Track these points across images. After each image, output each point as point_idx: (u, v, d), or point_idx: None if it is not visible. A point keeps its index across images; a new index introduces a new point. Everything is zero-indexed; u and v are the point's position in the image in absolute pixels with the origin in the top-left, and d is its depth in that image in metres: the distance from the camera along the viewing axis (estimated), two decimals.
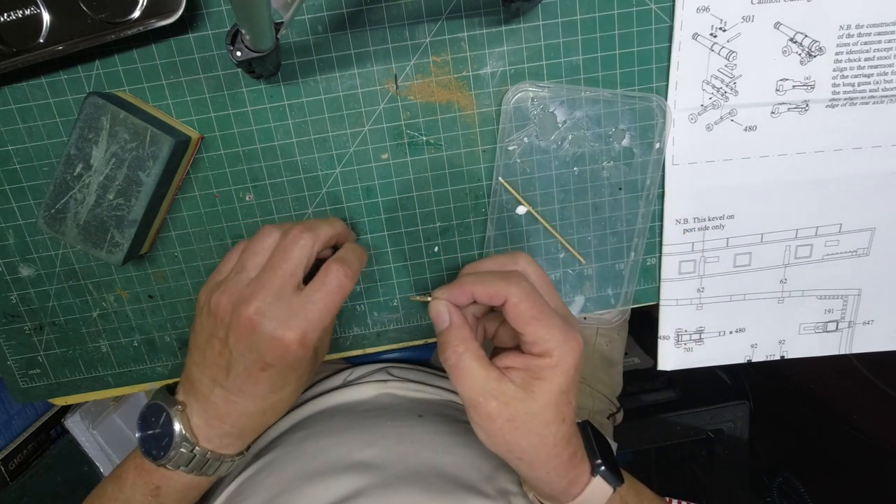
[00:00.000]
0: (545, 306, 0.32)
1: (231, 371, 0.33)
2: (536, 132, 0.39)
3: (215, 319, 0.32)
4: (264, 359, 0.31)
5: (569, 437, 0.33)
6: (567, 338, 0.31)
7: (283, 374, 0.33)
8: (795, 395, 0.95)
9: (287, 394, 0.35)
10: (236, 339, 0.32)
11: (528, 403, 0.31)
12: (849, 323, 0.46)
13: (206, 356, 0.34)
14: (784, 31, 0.38)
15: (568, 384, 0.32)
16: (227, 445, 0.36)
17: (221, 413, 0.34)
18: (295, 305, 0.31)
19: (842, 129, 0.40)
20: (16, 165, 0.38)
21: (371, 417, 0.46)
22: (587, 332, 0.63)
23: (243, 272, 0.32)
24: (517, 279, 0.32)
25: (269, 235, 0.33)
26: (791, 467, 0.96)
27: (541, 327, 0.31)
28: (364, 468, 0.39)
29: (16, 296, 0.42)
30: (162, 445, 0.34)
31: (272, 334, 0.31)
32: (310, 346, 0.32)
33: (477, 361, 0.32)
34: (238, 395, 0.34)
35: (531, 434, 0.32)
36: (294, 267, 0.32)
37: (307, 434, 0.44)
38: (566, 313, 0.34)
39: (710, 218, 0.42)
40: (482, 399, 0.31)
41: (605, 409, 0.64)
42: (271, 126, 0.38)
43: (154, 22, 0.33)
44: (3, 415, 0.69)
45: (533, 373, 0.32)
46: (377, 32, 0.37)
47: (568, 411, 0.33)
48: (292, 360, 0.32)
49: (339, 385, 0.52)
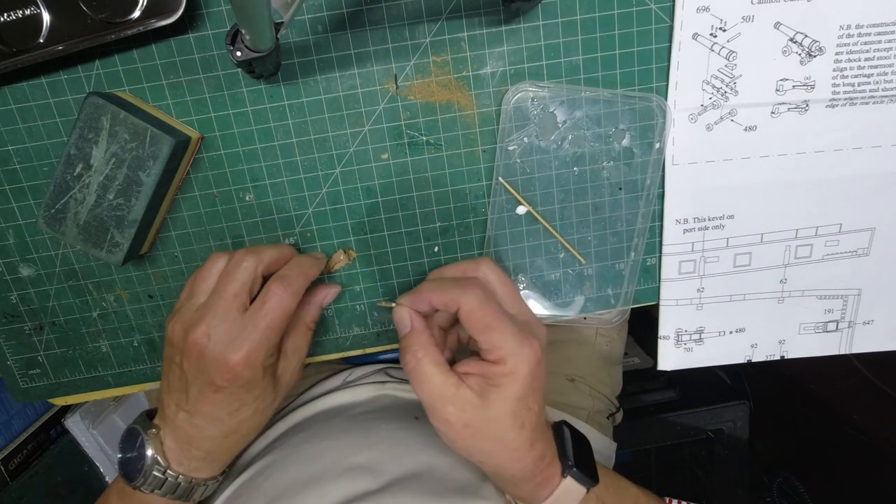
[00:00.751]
0: (500, 314, 0.32)
1: (189, 394, 0.34)
2: (536, 132, 0.39)
3: (172, 346, 0.34)
4: (214, 381, 0.32)
5: (531, 441, 0.33)
6: (522, 346, 0.31)
7: (237, 396, 0.34)
8: (795, 395, 0.95)
9: (245, 416, 0.35)
10: (188, 363, 0.33)
11: (484, 410, 0.32)
12: (849, 323, 0.46)
13: (170, 381, 0.35)
14: (784, 31, 0.38)
15: (524, 391, 0.32)
16: (198, 469, 0.37)
17: (188, 436, 0.35)
18: (239, 327, 0.32)
19: (842, 129, 0.40)
20: (16, 165, 0.38)
21: (368, 420, 0.46)
22: (587, 332, 0.63)
23: (193, 298, 0.34)
24: (472, 287, 0.32)
25: (217, 261, 0.34)
26: (791, 467, 0.96)
27: (494, 335, 0.32)
28: (360, 472, 0.39)
29: (16, 296, 0.42)
30: (137, 468, 0.35)
31: (217, 356, 0.32)
32: (256, 366, 0.32)
33: (435, 367, 0.32)
34: (199, 419, 0.34)
35: (489, 439, 0.32)
36: (237, 289, 0.33)
37: (305, 437, 0.44)
38: (528, 319, 0.34)
39: (710, 218, 0.42)
40: (439, 404, 0.32)
41: (605, 409, 0.64)
42: (271, 126, 0.38)
43: (154, 22, 0.33)
44: (3, 415, 0.69)
45: (489, 379, 0.32)
46: (377, 32, 0.37)
47: (528, 417, 0.32)
48: (241, 382, 0.33)
49: (338, 386, 0.52)
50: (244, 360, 0.32)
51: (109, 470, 0.78)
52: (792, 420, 0.97)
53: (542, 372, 0.33)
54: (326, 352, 0.45)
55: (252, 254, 0.34)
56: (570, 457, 0.35)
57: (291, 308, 0.33)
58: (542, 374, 0.33)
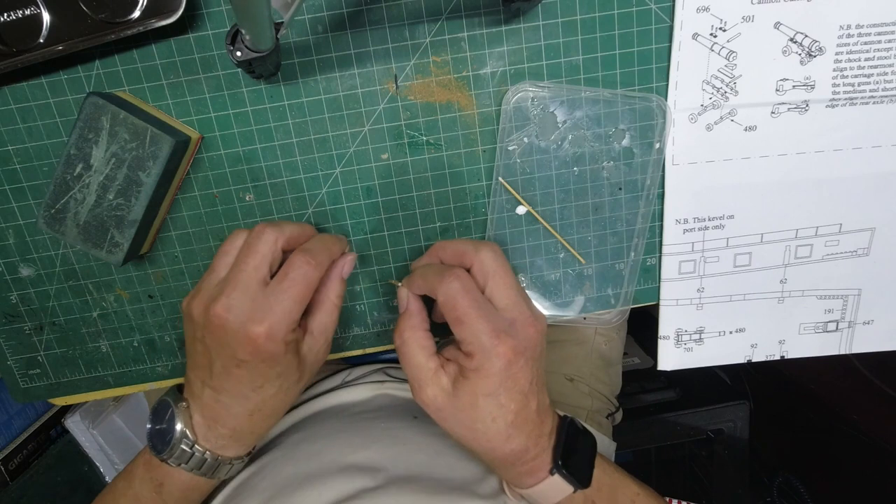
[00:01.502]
0: (474, 308, 0.32)
1: (213, 370, 0.33)
2: (536, 132, 0.39)
3: (193, 322, 0.33)
4: (237, 355, 0.32)
5: (506, 436, 0.33)
6: (494, 344, 0.31)
7: (260, 371, 0.33)
8: (795, 395, 0.95)
9: (270, 394, 0.34)
10: (211, 338, 0.32)
11: (453, 399, 0.33)
12: (849, 323, 0.46)
13: (194, 359, 0.35)
14: (784, 31, 0.38)
15: (492, 389, 0.32)
16: (224, 447, 0.36)
17: (214, 413, 0.35)
18: (260, 299, 0.31)
19: (842, 129, 0.40)
20: (16, 165, 0.38)
21: (366, 419, 0.46)
22: (586, 331, 0.63)
23: (213, 273, 0.33)
24: (450, 278, 0.32)
25: (238, 237, 0.34)
26: (791, 467, 0.96)
27: (464, 329, 0.32)
28: (357, 471, 0.39)
29: (16, 296, 0.42)
30: (165, 441, 0.35)
31: (239, 329, 0.31)
32: (278, 340, 0.31)
33: (418, 349, 0.33)
34: (223, 395, 0.34)
35: (459, 426, 0.33)
36: (258, 262, 0.32)
37: (302, 437, 0.44)
38: (515, 317, 0.33)
39: (710, 218, 0.42)
40: (418, 385, 0.33)
41: (604, 409, 0.64)
42: (271, 126, 0.38)
43: (154, 22, 0.33)
44: (3, 415, 0.69)
45: (461, 371, 0.33)
46: (377, 32, 0.37)
47: (500, 413, 0.33)
48: (265, 355, 0.32)
49: (337, 386, 0.52)
50: (266, 332, 0.31)
51: (109, 470, 0.78)
52: (792, 420, 0.97)
53: (523, 371, 0.33)
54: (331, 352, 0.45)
55: (273, 226, 0.33)
56: (560, 457, 0.35)
57: (315, 281, 0.32)
58: (521, 373, 0.33)
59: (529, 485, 0.35)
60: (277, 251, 0.33)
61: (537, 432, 0.35)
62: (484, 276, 0.34)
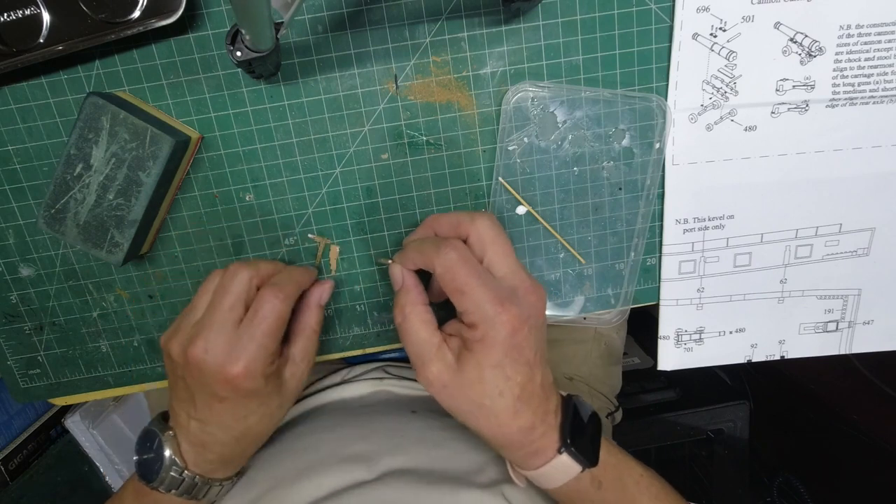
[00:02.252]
0: (475, 277, 0.31)
1: (196, 405, 0.34)
2: (536, 132, 0.39)
3: (172, 361, 0.34)
4: (217, 393, 0.33)
5: (514, 410, 0.32)
6: (497, 311, 0.31)
7: (242, 405, 0.34)
8: (795, 395, 0.95)
9: (253, 422, 0.35)
10: (191, 378, 0.33)
11: (459, 374, 0.32)
12: (849, 323, 0.46)
13: (176, 392, 0.35)
14: (784, 31, 0.38)
15: (498, 359, 0.31)
16: (214, 471, 0.37)
17: (202, 442, 0.35)
18: (234, 339, 0.32)
19: (842, 129, 0.40)
20: (16, 165, 0.38)
21: (365, 413, 0.46)
22: (586, 331, 0.63)
23: (191, 313, 0.34)
24: (447, 248, 0.32)
25: (214, 277, 0.35)
26: (791, 467, 0.96)
27: (465, 299, 0.31)
28: (355, 461, 0.39)
29: (16, 296, 0.42)
30: (154, 469, 0.35)
31: (217, 370, 0.32)
32: (257, 376, 0.32)
33: (421, 324, 0.33)
34: (209, 426, 0.35)
35: (466, 402, 0.32)
36: (232, 301, 0.33)
37: (302, 431, 0.45)
38: (515, 285, 0.32)
39: (710, 218, 0.42)
40: (421, 362, 0.33)
41: (604, 408, 0.64)
42: (271, 126, 0.38)
43: (154, 22, 0.33)
44: (3, 415, 0.69)
45: (465, 343, 0.32)
46: (377, 32, 0.37)
47: (507, 386, 0.32)
48: (244, 392, 0.33)
49: (337, 383, 0.53)
50: (244, 371, 0.32)
51: (109, 470, 0.78)
52: (792, 420, 0.97)
53: (528, 341, 0.32)
54: (327, 352, 0.45)
55: (246, 266, 0.34)
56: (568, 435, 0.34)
57: (284, 313, 0.33)
58: (525, 342, 0.32)
59: (536, 466, 0.34)
60: (252, 289, 0.34)
61: (543, 408, 0.34)
62: (482, 245, 0.33)
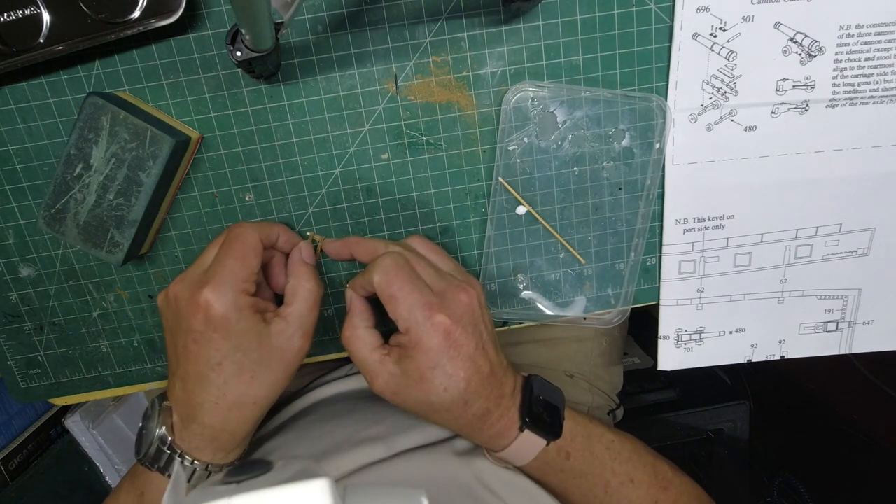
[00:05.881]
0: (406, 285, 0.33)
1: (178, 355, 0.34)
2: (536, 132, 0.39)
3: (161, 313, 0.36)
4: (192, 327, 0.32)
5: (464, 402, 0.34)
6: (427, 316, 0.32)
7: (213, 343, 0.32)
8: (795, 395, 0.95)
9: (230, 373, 0.33)
10: (172, 318, 0.34)
11: (403, 379, 0.34)
12: (849, 323, 0.46)
13: (167, 354, 0.36)
14: (784, 31, 0.38)
15: (436, 360, 0.33)
16: (200, 448, 0.35)
17: (185, 406, 0.34)
18: (208, 269, 0.33)
19: (842, 129, 0.40)
20: (16, 165, 0.38)
21: (373, 401, 0.46)
22: (586, 330, 0.63)
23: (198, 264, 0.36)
24: (380, 260, 0.34)
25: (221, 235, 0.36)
26: (791, 467, 0.96)
27: (398, 306, 0.33)
28: (372, 442, 0.40)
29: (16, 296, 0.42)
30: (147, 441, 0.35)
31: (190, 298, 0.32)
32: (227, 300, 0.32)
33: (362, 345, 0.35)
34: (188, 382, 0.34)
35: (416, 403, 0.34)
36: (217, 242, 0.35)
37: (312, 419, 0.45)
38: (444, 285, 0.34)
39: (710, 218, 0.42)
40: (370, 378, 0.35)
41: (605, 405, 0.64)
42: (271, 126, 0.38)
43: (154, 22, 0.33)
44: (3, 415, 0.69)
45: (403, 350, 0.34)
46: (377, 32, 0.37)
47: (450, 383, 0.33)
48: (215, 321, 0.32)
49: (343, 375, 0.53)
50: (211, 292, 0.32)
51: (109, 470, 0.78)
52: (792, 420, 0.97)
53: (465, 337, 0.33)
54: (327, 352, 0.45)
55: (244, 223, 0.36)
56: (526, 414, 0.36)
57: (251, 238, 0.34)
58: (463, 339, 0.33)
59: (504, 446, 0.36)
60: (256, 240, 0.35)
61: (497, 394, 0.35)
62: (414, 252, 0.36)
